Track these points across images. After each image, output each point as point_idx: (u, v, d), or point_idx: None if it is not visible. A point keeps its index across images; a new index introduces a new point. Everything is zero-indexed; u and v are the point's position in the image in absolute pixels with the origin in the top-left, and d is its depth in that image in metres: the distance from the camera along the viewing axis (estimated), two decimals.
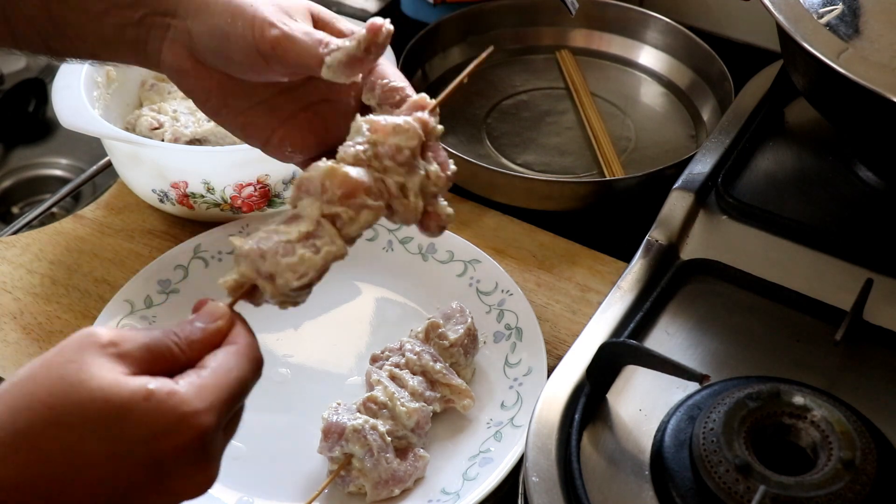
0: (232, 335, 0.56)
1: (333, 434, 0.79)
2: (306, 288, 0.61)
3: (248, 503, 0.79)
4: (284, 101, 0.69)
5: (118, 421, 0.49)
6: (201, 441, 0.51)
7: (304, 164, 0.69)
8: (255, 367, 0.56)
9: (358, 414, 0.80)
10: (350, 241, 0.62)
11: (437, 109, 0.66)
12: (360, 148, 0.62)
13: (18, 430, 0.49)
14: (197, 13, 0.65)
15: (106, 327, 0.54)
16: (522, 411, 0.83)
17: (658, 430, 0.71)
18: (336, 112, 0.69)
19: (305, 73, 0.65)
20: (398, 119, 0.65)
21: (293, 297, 0.62)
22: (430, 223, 0.66)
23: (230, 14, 0.64)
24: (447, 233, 0.97)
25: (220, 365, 0.54)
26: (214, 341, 0.56)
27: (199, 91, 0.68)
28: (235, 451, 0.82)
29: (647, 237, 0.86)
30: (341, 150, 0.62)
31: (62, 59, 0.72)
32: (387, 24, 0.64)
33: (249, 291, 0.61)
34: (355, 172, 0.61)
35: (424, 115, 0.66)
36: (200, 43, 0.65)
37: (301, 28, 0.64)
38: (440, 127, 0.66)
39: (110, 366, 0.51)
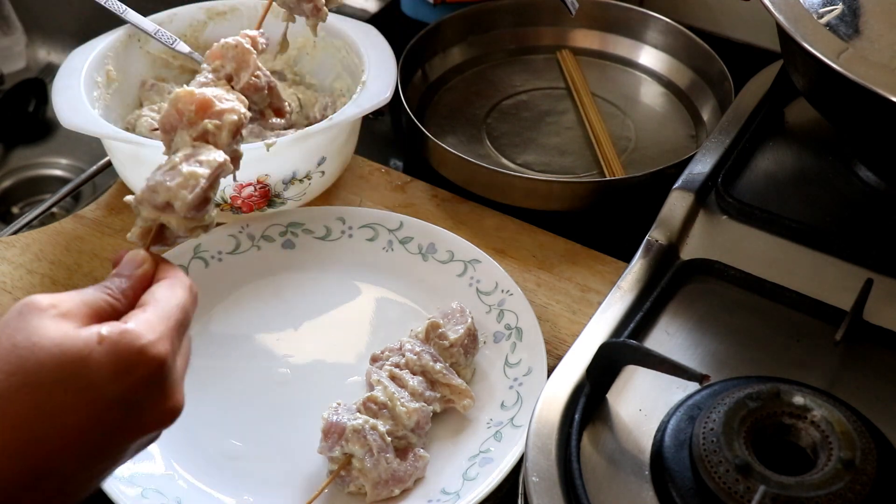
0: (159, 273, 0.60)
1: (333, 434, 0.79)
2: (204, 203, 0.64)
3: (248, 503, 0.79)
4: None
5: (80, 368, 0.51)
6: (161, 369, 0.54)
7: None
8: (190, 293, 0.59)
9: (358, 414, 0.80)
10: (229, 147, 0.67)
11: None
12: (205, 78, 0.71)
13: None
14: None
15: (43, 294, 0.55)
16: (522, 411, 0.83)
17: (658, 430, 0.71)
18: None
19: None
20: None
21: (198, 218, 0.64)
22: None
23: None
24: (447, 233, 0.97)
25: (158, 298, 0.57)
26: (144, 284, 0.59)
27: None
28: (235, 451, 0.83)
29: (647, 237, 0.86)
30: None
31: None
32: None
33: (159, 232, 0.64)
34: (197, 88, 0.67)
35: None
36: None
37: None
38: None
39: (56, 324, 0.53)
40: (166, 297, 0.57)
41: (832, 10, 0.82)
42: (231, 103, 0.68)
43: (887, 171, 0.89)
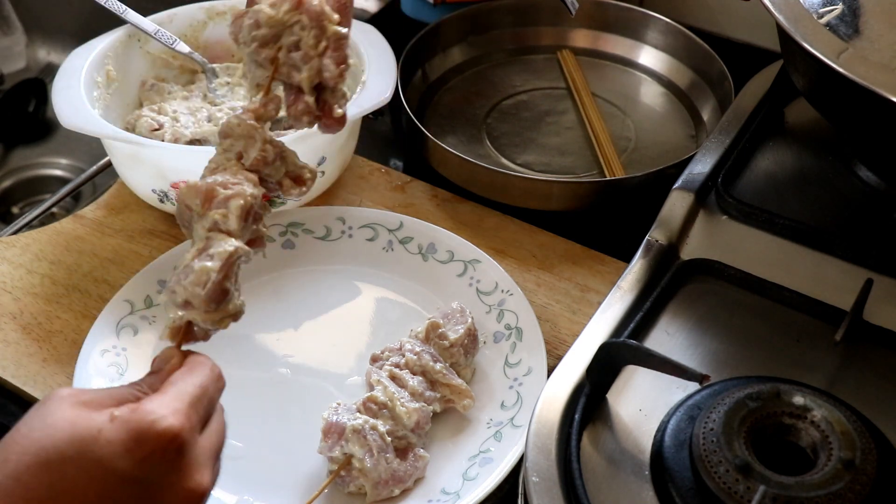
0: (184, 363, 0.59)
1: (333, 434, 0.79)
2: (223, 294, 0.63)
3: (248, 503, 0.79)
4: None
5: (91, 444, 0.51)
6: (174, 444, 0.53)
7: None
8: (211, 372, 0.58)
9: (358, 414, 0.80)
10: (245, 231, 0.65)
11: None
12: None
13: (7, 475, 0.50)
14: None
15: (68, 388, 0.56)
16: (522, 411, 0.83)
17: (658, 430, 0.71)
18: None
19: None
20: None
21: (221, 310, 0.64)
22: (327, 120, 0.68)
23: None
24: (447, 233, 0.97)
25: (174, 381, 0.57)
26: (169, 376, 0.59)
27: None
28: (235, 451, 0.82)
29: (647, 237, 0.86)
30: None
31: None
32: None
33: (188, 329, 0.64)
34: (200, 181, 0.66)
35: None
36: None
37: None
38: None
39: (72, 409, 0.53)
40: (182, 378, 0.57)
41: (832, 10, 0.82)
42: (237, 187, 0.65)
43: (887, 171, 0.89)
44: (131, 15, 1.05)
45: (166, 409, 0.53)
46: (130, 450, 0.51)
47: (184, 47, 1.06)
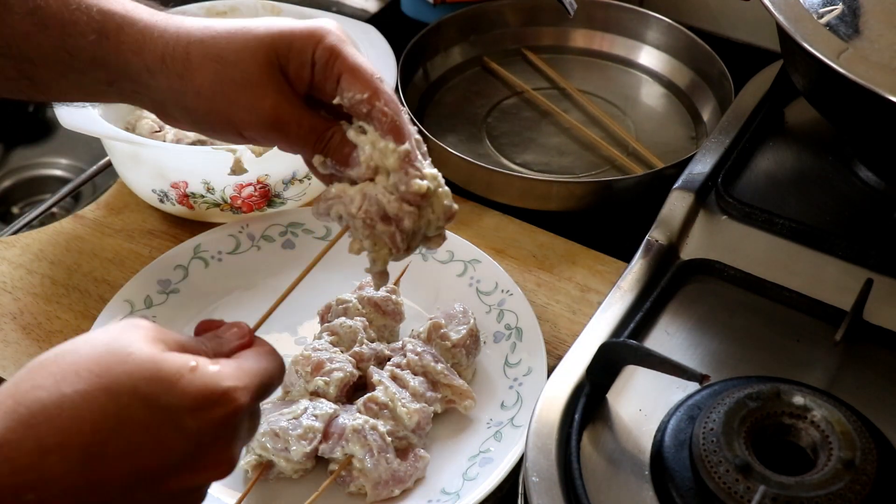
0: (255, 345, 0.60)
1: (333, 434, 0.79)
2: (314, 452, 0.78)
3: (248, 503, 0.79)
4: None
5: (169, 390, 0.51)
6: (236, 418, 0.54)
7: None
8: (280, 366, 0.59)
9: (358, 414, 0.80)
10: (341, 396, 0.82)
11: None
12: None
13: (64, 394, 0.50)
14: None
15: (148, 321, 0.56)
16: (522, 411, 0.83)
17: (658, 430, 0.71)
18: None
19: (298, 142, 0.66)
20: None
21: (304, 463, 0.79)
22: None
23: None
24: (447, 232, 0.97)
25: (253, 357, 0.57)
26: (238, 351, 0.59)
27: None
28: None
29: (647, 237, 0.86)
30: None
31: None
32: None
33: (267, 467, 0.78)
34: (314, 353, 0.82)
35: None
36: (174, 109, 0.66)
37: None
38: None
39: (153, 344, 0.53)
40: (259, 358, 0.58)
41: (832, 10, 0.82)
42: (340, 363, 0.82)
43: (887, 171, 0.89)
44: None
45: (240, 381, 0.54)
46: (202, 407, 0.52)
47: None
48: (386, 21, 1.27)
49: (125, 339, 0.52)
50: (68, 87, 0.68)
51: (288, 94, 0.64)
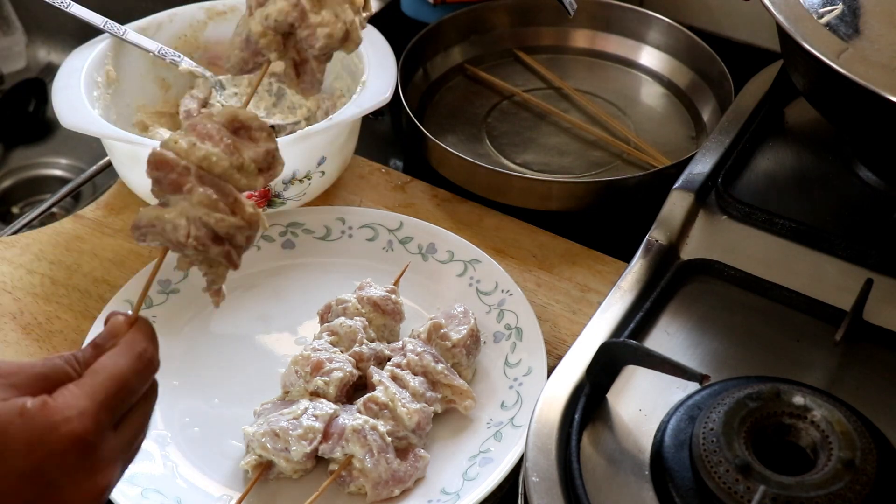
0: (119, 343, 0.58)
1: (333, 434, 0.79)
2: (315, 452, 0.78)
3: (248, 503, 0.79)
4: None
5: None
6: (78, 447, 0.52)
7: None
8: (137, 362, 0.57)
9: (358, 414, 0.80)
10: (341, 396, 0.82)
11: None
12: None
13: None
14: None
15: (8, 362, 0.55)
16: (522, 411, 0.83)
17: (658, 430, 0.71)
18: None
19: None
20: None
21: (304, 463, 0.78)
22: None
23: None
24: (447, 233, 0.97)
25: (97, 370, 0.55)
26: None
27: None
28: (235, 451, 0.82)
29: (647, 237, 0.86)
30: None
31: None
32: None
33: (267, 467, 0.78)
34: (313, 353, 0.82)
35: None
36: None
37: None
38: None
39: None
40: (104, 367, 0.56)
41: (832, 10, 0.82)
42: (340, 363, 0.82)
43: (887, 171, 0.89)
44: (131, 35, 1.04)
45: (73, 409, 0.53)
46: (33, 450, 0.51)
47: (187, 63, 1.05)
48: (386, 21, 1.27)
49: None
50: None
51: None
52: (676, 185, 0.89)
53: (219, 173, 0.60)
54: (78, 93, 0.97)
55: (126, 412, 0.56)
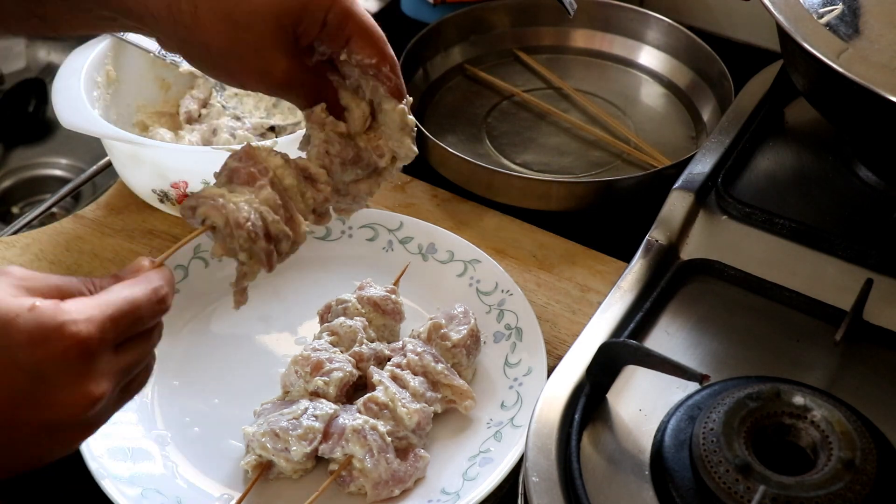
0: (137, 275, 0.59)
1: (333, 434, 0.79)
2: (315, 452, 0.78)
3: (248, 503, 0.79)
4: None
5: (3, 328, 0.52)
6: (79, 349, 0.53)
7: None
8: (151, 293, 0.58)
9: (358, 414, 0.80)
10: (341, 396, 0.82)
11: None
12: None
13: None
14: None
15: (26, 269, 0.56)
16: (522, 411, 0.83)
17: (658, 430, 0.71)
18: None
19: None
20: None
21: (304, 463, 0.78)
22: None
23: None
24: (447, 233, 0.97)
25: (111, 290, 0.57)
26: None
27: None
28: (235, 451, 0.82)
29: (647, 237, 0.86)
30: None
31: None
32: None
33: (267, 466, 0.79)
34: (313, 353, 0.83)
35: None
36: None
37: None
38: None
39: (10, 290, 0.53)
40: (119, 289, 0.57)
41: (832, 10, 0.82)
42: (340, 363, 0.82)
43: (887, 171, 0.89)
44: (131, 35, 1.04)
45: (82, 314, 0.53)
46: (35, 343, 0.52)
47: (188, 63, 1.05)
48: (386, 21, 1.27)
49: None
50: (77, 24, 0.69)
51: (298, 58, 0.66)
52: (676, 185, 0.89)
53: (286, 186, 0.65)
54: (78, 93, 0.97)
55: (129, 339, 0.57)
